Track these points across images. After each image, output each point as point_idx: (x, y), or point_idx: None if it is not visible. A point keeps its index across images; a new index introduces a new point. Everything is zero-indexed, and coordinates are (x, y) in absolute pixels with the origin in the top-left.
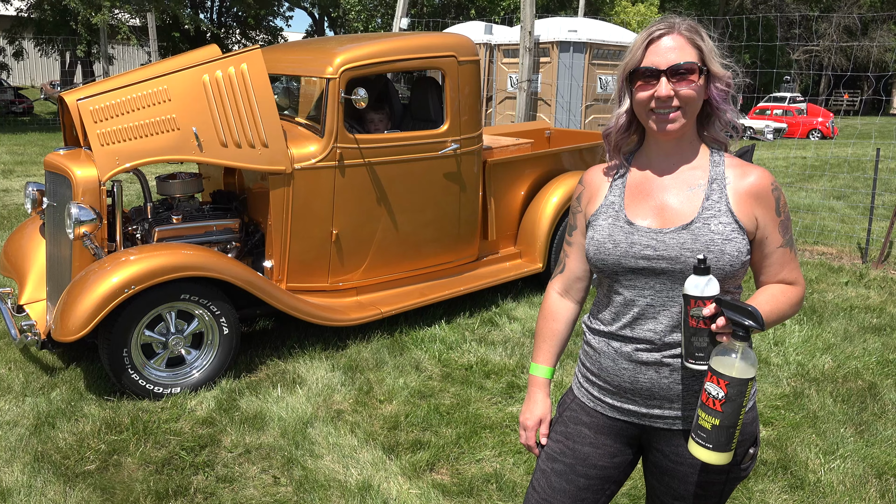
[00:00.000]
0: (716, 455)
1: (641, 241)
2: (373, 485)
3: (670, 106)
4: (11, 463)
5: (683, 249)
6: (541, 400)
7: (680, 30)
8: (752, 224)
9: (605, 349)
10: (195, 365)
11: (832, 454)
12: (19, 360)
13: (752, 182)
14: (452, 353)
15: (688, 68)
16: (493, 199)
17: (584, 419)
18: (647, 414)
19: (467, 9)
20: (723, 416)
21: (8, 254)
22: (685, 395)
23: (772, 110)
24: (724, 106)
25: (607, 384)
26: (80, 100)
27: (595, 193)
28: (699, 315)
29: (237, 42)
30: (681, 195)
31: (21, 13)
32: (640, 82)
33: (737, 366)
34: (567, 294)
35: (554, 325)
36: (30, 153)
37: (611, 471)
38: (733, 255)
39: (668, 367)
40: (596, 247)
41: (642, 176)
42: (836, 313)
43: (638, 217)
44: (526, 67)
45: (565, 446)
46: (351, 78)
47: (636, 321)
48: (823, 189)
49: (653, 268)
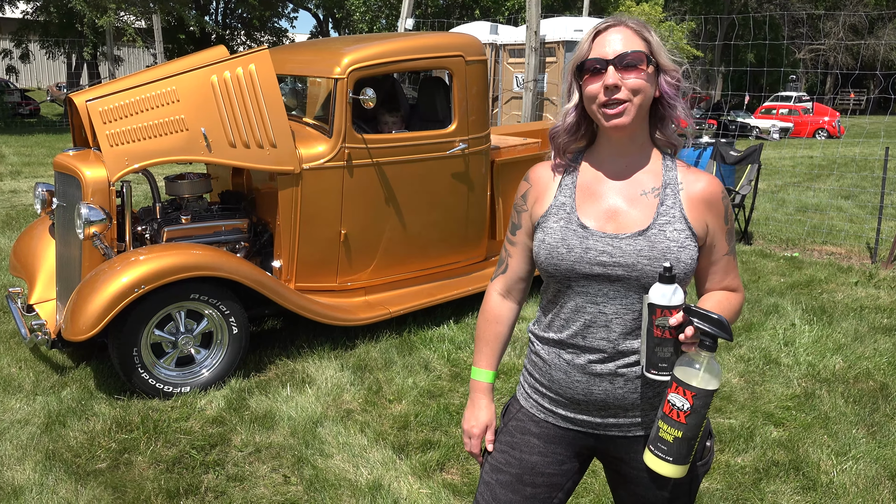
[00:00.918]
0: (674, 468)
1: (597, 247)
2: (383, 484)
3: (618, 97)
4: (23, 461)
5: (640, 256)
6: (485, 406)
7: (626, 23)
8: (704, 230)
9: (555, 361)
10: (205, 364)
11: (844, 455)
12: (30, 360)
13: (703, 188)
14: (461, 353)
15: (635, 57)
16: (501, 198)
17: (533, 429)
18: (602, 423)
19: (472, 9)
20: (686, 427)
21: (18, 254)
22: (640, 403)
23: (778, 110)
24: (674, 101)
25: (559, 396)
26: (89, 101)
27: (543, 193)
28: (665, 325)
29: (242, 43)
30: (633, 199)
31: (27, 16)
32: (588, 75)
33: (702, 376)
34: (509, 295)
35: (496, 328)
36: (37, 154)
37: (558, 478)
38: (687, 263)
39: (622, 377)
40: (548, 251)
41: (593, 176)
42: (846, 313)
43: (590, 220)
44: (532, 67)
45: (511, 456)
46: (359, 78)
47: (587, 329)
48: (831, 189)
49: (608, 274)
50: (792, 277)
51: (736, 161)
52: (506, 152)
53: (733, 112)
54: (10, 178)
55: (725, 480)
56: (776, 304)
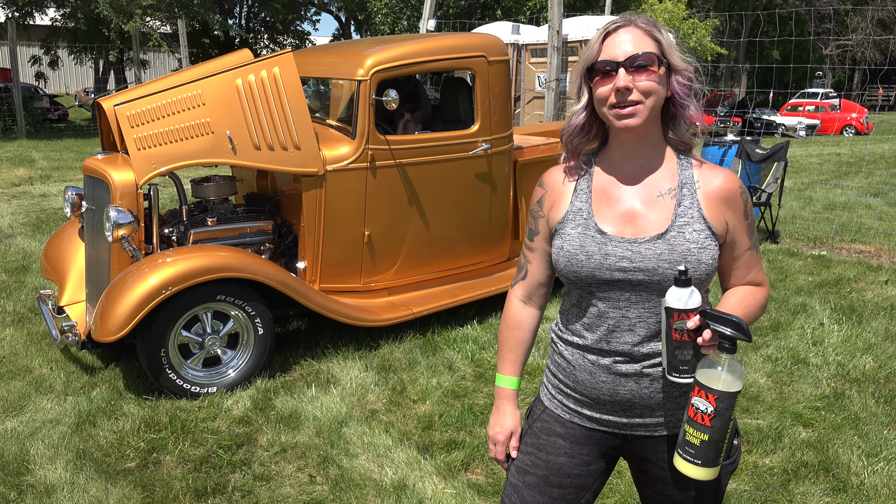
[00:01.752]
0: (704, 471)
1: (616, 253)
2: (408, 484)
3: (630, 99)
4: (55, 460)
5: (661, 261)
6: (510, 412)
7: (637, 23)
8: (723, 228)
9: (580, 362)
10: (231, 365)
11: (875, 456)
12: (60, 361)
13: (720, 185)
14: (485, 353)
15: (646, 59)
16: (523, 198)
17: (559, 430)
18: (628, 423)
19: (493, 9)
20: (712, 430)
21: (48, 257)
22: (666, 403)
23: (804, 106)
24: (686, 101)
25: (584, 396)
26: (117, 105)
27: (558, 198)
28: (683, 328)
29: (265, 47)
30: (650, 201)
31: (56, 23)
32: (598, 77)
33: (724, 379)
34: (530, 301)
35: (518, 335)
36: (66, 159)
37: (585, 479)
38: (708, 264)
39: (647, 377)
40: (567, 258)
41: (608, 180)
42: (875, 312)
43: (608, 225)
44: (554, 67)
45: (537, 458)
46: (382, 79)
47: (611, 333)
48: (860, 186)
49: (629, 280)
50: (820, 276)
51: (762, 159)
52: (528, 152)
53: (758, 109)
54: (39, 182)
55: (753, 482)
56: (804, 303)
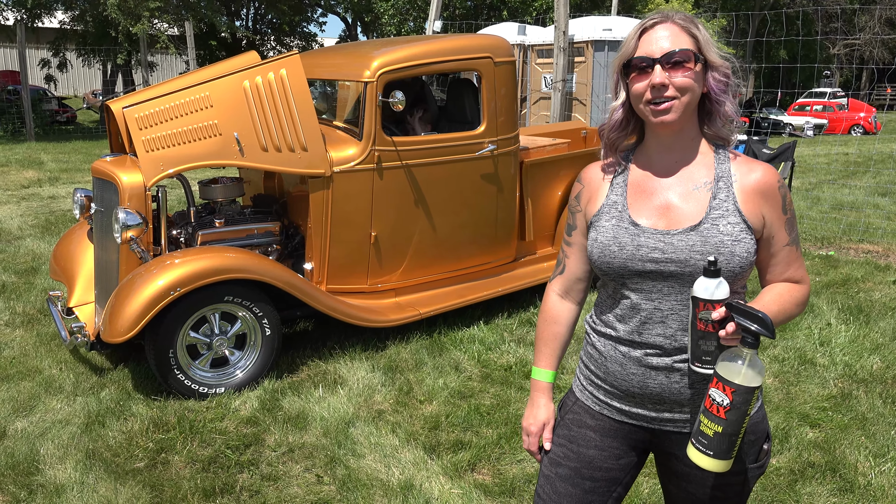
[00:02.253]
0: (715, 462)
1: (648, 244)
2: (415, 484)
3: (666, 95)
4: (64, 460)
5: (693, 252)
6: (544, 405)
7: (674, 19)
8: (760, 223)
9: (611, 353)
10: (238, 365)
11: (883, 457)
12: (69, 361)
13: (758, 179)
14: (491, 354)
15: (683, 55)
16: (530, 199)
17: (589, 422)
18: (657, 418)
19: (499, 10)
20: (726, 423)
21: (58, 258)
22: (695, 399)
23: (812, 106)
24: (722, 97)
25: (614, 388)
26: (125, 108)
27: (595, 192)
28: (708, 319)
29: (272, 48)
30: (686, 194)
31: (64, 25)
32: (634, 73)
33: (743, 373)
34: (567, 295)
35: (555, 328)
36: (74, 161)
37: (616, 472)
38: (743, 257)
39: (678, 371)
40: (600, 249)
41: (643, 174)
42: (883, 312)
43: (642, 217)
44: (560, 67)
45: (569, 450)
46: (388, 81)
47: (644, 325)
48: (868, 186)
49: (661, 271)
50: (827, 276)
51: (769, 159)
52: (535, 153)
53: (766, 109)
54: (48, 184)
55: (760, 482)
56: (811, 303)
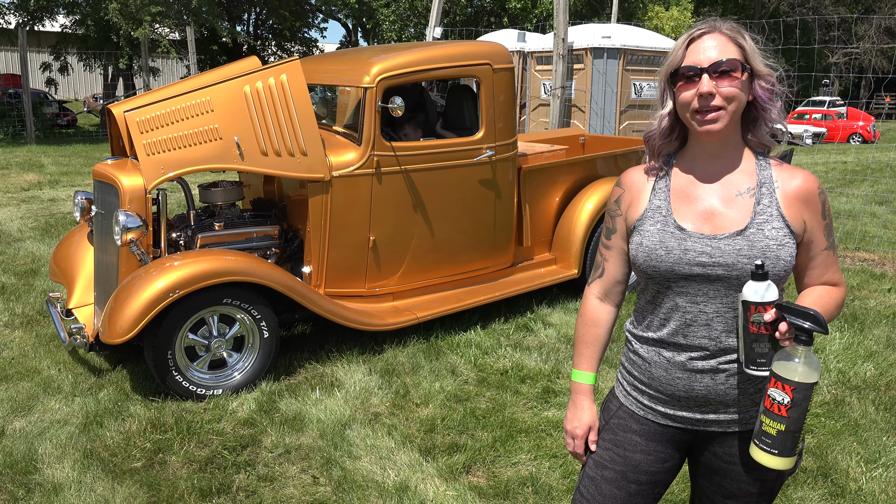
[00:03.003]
0: (781, 460)
1: (696, 248)
2: (410, 486)
3: (713, 105)
4: (62, 460)
5: (740, 256)
6: (587, 407)
7: (721, 29)
8: (801, 227)
9: (655, 359)
10: (236, 367)
11: (874, 462)
12: (68, 362)
13: (799, 185)
14: (488, 358)
15: (730, 65)
16: (527, 205)
17: (634, 427)
18: (702, 420)
19: (500, 17)
20: (789, 421)
21: (58, 260)
22: (740, 399)
23: (811, 115)
24: (768, 105)
25: (659, 393)
26: (127, 111)
27: (637, 197)
28: (760, 321)
29: (273, 54)
30: (729, 199)
31: (66, 29)
32: (681, 82)
33: (800, 370)
34: (606, 298)
35: (595, 331)
36: (74, 164)
37: (661, 475)
38: (787, 261)
39: (723, 372)
40: (646, 253)
41: (686, 179)
42: (878, 320)
43: (687, 222)
44: (560, 74)
45: (615, 454)
46: (388, 87)
47: (688, 328)
48: (865, 194)
49: (708, 275)
50: None
51: None
52: (533, 159)
53: None
54: (48, 187)
55: None
56: None
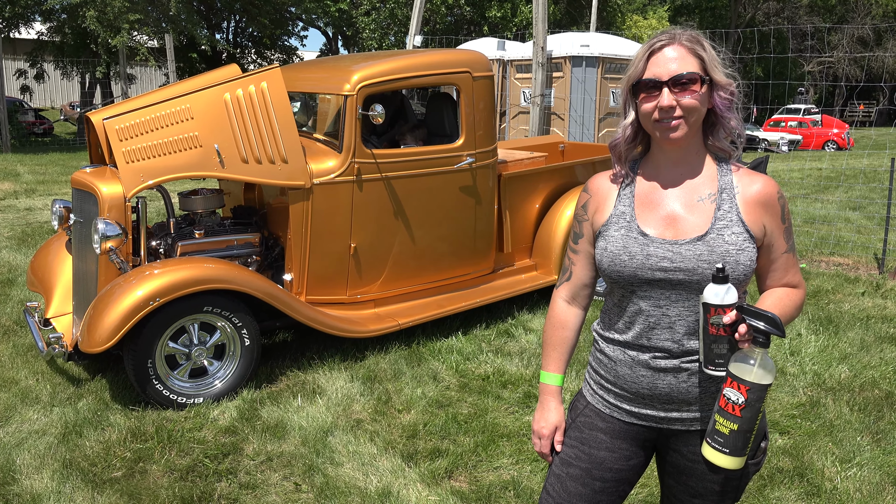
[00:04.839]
0: (731, 459)
1: (657, 253)
2: (392, 491)
3: (673, 116)
4: (41, 470)
5: (700, 261)
6: (554, 408)
7: (681, 40)
8: (761, 231)
9: (620, 357)
10: (217, 375)
11: (848, 462)
12: (46, 372)
13: (759, 190)
14: (469, 364)
15: (689, 78)
16: (508, 212)
17: (600, 425)
18: (666, 417)
19: (480, 25)
20: (742, 421)
21: (35, 269)
22: (703, 397)
23: (786, 122)
24: (727, 114)
25: (624, 391)
26: (106, 119)
27: (602, 202)
28: (719, 323)
29: (253, 62)
30: (691, 205)
31: (42, 36)
32: (643, 94)
33: (756, 371)
34: (574, 301)
35: (563, 333)
36: (51, 172)
37: (625, 473)
38: (746, 265)
39: (686, 371)
40: (610, 258)
41: (650, 185)
42: (852, 323)
43: (650, 227)
44: (539, 82)
45: (581, 451)
46: (368, 94)
47: (652, 330)
48: (839, 200)
49: (669, 279)
50: None
51: None
52: (513, 166)
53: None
54: (24, 195)
55: None
56: None
